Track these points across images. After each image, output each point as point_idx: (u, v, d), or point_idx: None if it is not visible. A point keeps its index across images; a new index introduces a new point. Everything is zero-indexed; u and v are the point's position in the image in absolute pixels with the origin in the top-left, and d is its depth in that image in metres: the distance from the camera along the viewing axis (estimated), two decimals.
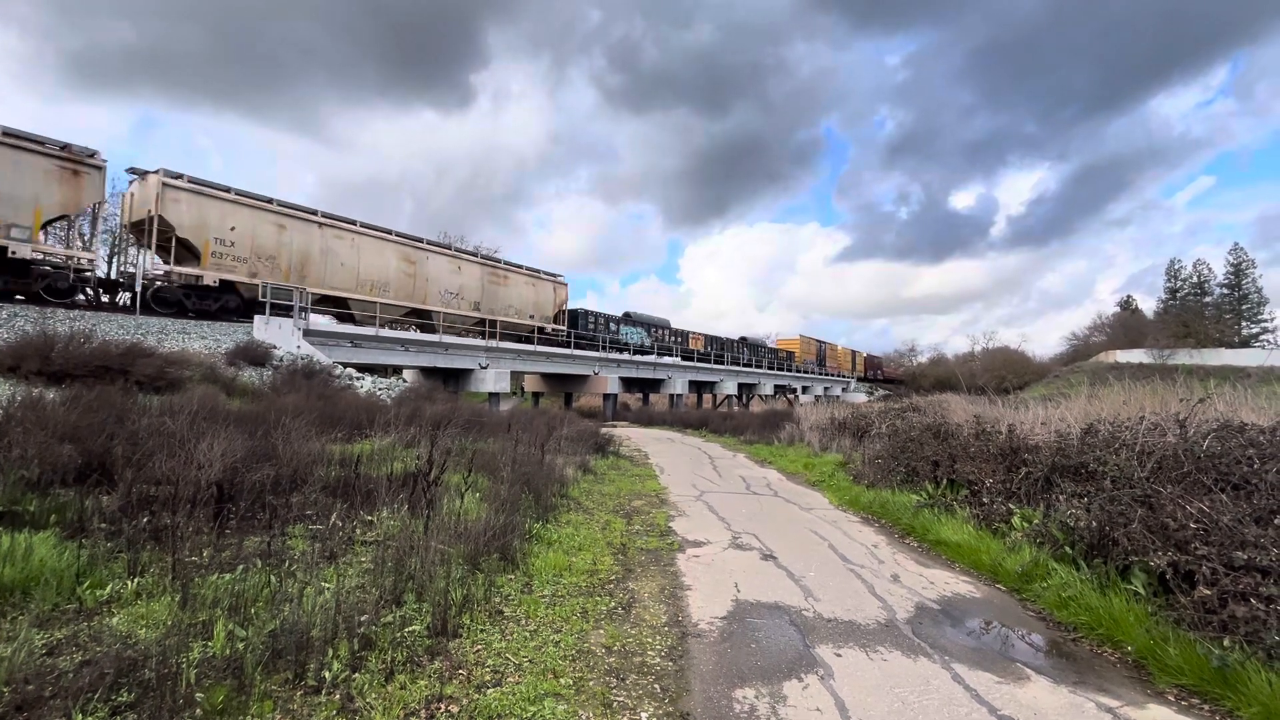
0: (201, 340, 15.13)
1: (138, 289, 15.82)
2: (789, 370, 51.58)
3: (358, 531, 5.06)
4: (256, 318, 17.36)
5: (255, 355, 14.95)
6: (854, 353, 71.47)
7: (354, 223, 21.72)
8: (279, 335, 17.14)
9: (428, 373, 24.57)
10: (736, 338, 48.87)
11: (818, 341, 61.97)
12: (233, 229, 18.14)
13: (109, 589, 3.48)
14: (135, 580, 3.59)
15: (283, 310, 17.84)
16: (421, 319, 23.87)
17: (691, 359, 38.65)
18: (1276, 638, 3.15)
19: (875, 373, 75.43)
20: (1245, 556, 3.68)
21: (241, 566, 3.88)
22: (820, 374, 57.83)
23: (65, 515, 4.28)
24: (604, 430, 17.06)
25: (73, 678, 2.51)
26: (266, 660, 2.82)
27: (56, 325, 12.02)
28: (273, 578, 3.70)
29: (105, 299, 16.80)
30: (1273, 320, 65.74)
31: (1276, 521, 3.95)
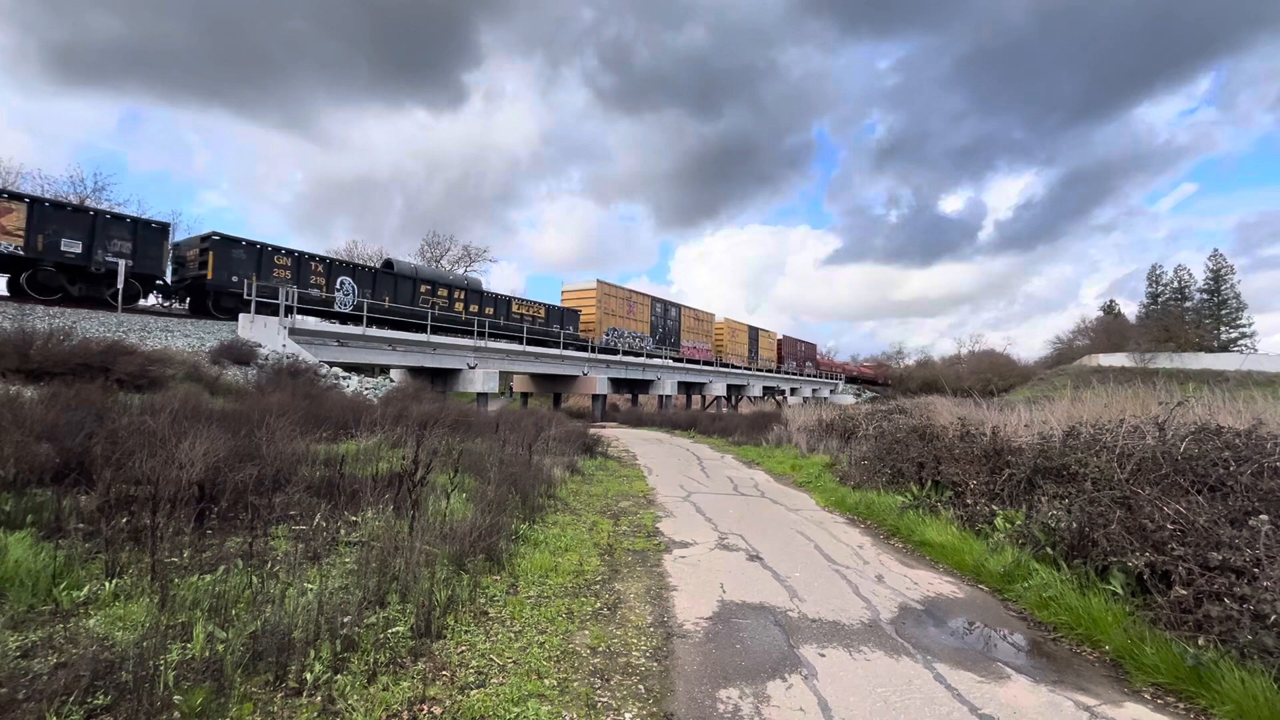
0: (185, 338, 14.94)
1: (120, 285, 15.57)
2: (585, 349, 30.57)
3: (342, 532, 5.02)
4: (241, 315, 17.15)
5: (240, 354, 14.78)
6: (754, 331, 48.70)
7: None
8: (264, 334, 16.94)
9: (415, 372, 24.40)
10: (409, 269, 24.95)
11: (651, 299, 36.80)
12: None
13: (86, 590, 3.43)
14: (113, 581, 3.53)
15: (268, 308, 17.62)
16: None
17: (681, 362, 38.71)
18: (1249, 637, 3.21)
19: (802, 364, 55.46)
20: (1220, 557, 3.76)
21: (222, 567, 3.83)
22: (662, 356, 36.02)
23: (42, 515, 4.21)
24: (592, 431, 17.05)
25: (47, 680, 2.47)
26: (247, 662, 2.79)
27: (35, 322, 11.82)
28: (254, 578, 3.66)
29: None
30: (1250, 325, 67.09)
31: (1251, 523, 4.02)
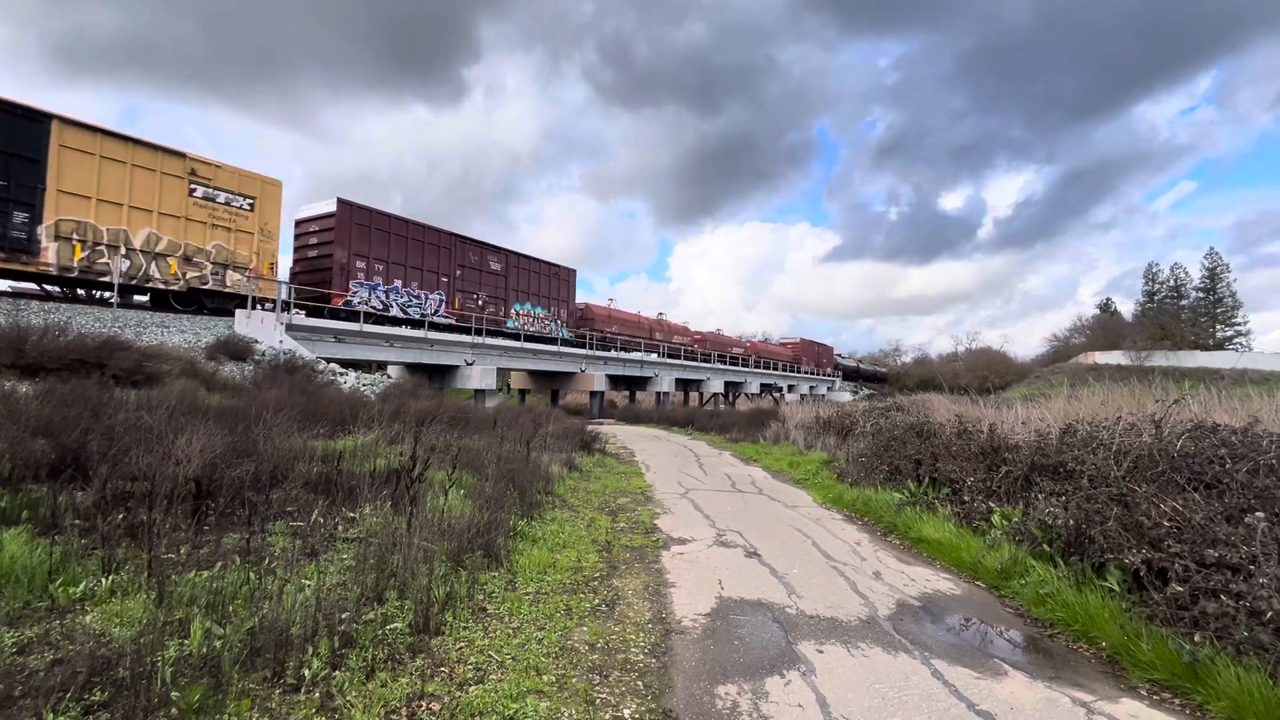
0: (181, 334, 14.87)
1: (116, 283, 15.48)
2: None
3: (340, 528, 5.01)
4: (238, 312, 17.08)
5: (236, 350, 14.71)
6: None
7: None
8: (260, 330, 16.87)
9: (413, 369, 24.34)
10: None
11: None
12: None
13: (82, 586, 3.41)
14: (110, 578, 3.52)
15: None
16: None
17: (678, 357, 38.66)
18: (1245, 633, 3.23)
19: (534, 302, 27.26)
20: (1216, 554, 3.77)
21: (220, 564, 3.82)
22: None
23: (38, 511, 4.19)
24: (590, 428, 17.03)
25: (44, 677, 2.46)
26: (244, 659, 2.79)
27: (30, 317, 11.75)
28: (252, 575, 3.65)
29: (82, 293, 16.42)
30: (1246, 323, 67.40)
31: (1247, 520, 4.04)
